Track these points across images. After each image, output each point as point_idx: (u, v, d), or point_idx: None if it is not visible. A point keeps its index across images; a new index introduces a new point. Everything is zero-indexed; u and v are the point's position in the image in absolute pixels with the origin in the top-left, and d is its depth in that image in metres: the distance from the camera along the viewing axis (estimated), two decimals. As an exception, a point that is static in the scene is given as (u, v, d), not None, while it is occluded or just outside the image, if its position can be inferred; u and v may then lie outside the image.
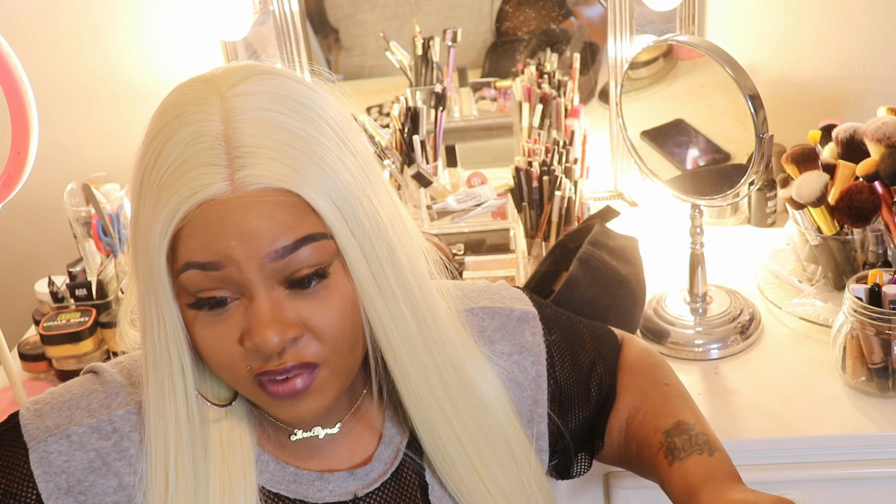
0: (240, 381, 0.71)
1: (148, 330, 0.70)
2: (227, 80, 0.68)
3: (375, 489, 0.80)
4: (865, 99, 1.60)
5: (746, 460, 1.10)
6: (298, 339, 0.68)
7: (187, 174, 0.64)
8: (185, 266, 0.66)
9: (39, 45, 1.60)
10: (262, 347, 0.66)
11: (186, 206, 0.64)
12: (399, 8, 1.62)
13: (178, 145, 0.65)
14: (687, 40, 1.19)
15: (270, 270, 0.66)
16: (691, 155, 1.22)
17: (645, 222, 1.58)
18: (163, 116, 0.67)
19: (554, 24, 1.65)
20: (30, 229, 1.71)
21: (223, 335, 0.68)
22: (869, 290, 1.10)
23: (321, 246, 0.67)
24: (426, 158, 1.49)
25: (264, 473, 0.77)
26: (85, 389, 0.77)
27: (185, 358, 0.70)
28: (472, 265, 1.41)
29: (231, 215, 0.64)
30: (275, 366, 0.68)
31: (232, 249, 0.64)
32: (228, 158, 0.64)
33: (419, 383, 0.75)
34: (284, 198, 0.65)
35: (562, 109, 1.51)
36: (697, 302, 1.29)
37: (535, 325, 0.88)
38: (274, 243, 0.65)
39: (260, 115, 0.66)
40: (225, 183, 0.64)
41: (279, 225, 0.65)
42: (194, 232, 0.65)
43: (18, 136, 1.17)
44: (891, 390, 1.11)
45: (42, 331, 1.30)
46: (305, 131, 0.66)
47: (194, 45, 1.60)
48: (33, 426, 0.74)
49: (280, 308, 0.67)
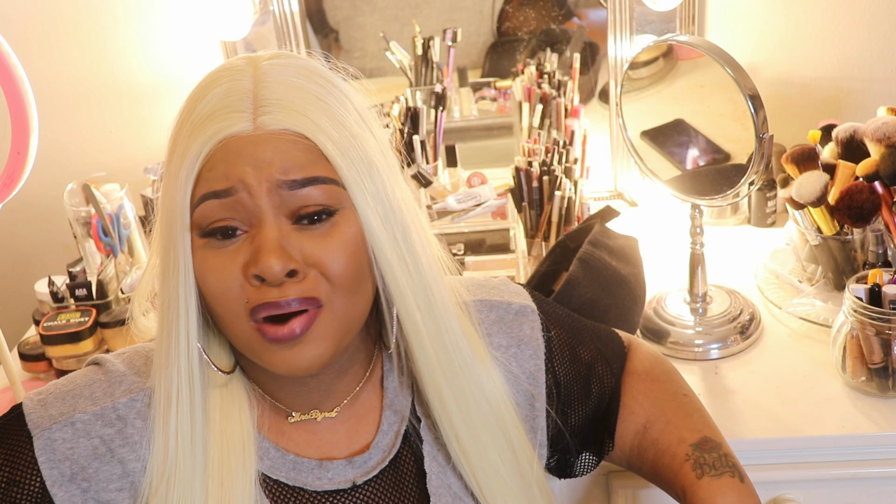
0: (236, 320, 0.71)
1: (164, 276, 0.73)
2: (266, 55, 0.74)
3: (374, 477, 0.80)
4: (865, 99, 1.60)
5: (746, 460, 1.10)
6: (300, 273, 0.70)
7: (214, 119, 0.69)
8: (203, 197, 0.69)
9: (39, 45, 1.60)
10: (265, 272, 0.68)
11: (211, 143, 0.69)
12: (399, 11, 1.62)
13: (211, 100, 0.70)
14: (687, 40, 1.19)
15: (279, 200, 0.69)
16: (691, 155, 1.22)
17: (645, 222, 1.58)
18: (202, 82, 0.73)
19: (554, 24, 1.65)
20: (30, 229, 1.71)
21: (227, 264, 0.70)
22: (869, 290, 1.10)
23: (331, 189, 0.70)
24: (426, 158, 1.49)
25: (265, 460, 0.78)
26: (88, 379, 0.78)
27: (192, 300, 0.71)
28: (472, 265, 1.41)
29: (249, 147, 0.69)
30: (275, 297, 0.69)
31: (246, 174, 0.68)
32: (254, 107, 0.69)
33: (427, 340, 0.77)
34: (302, 140, 0.70)
35: (562, 109, 1.51)
36: (697, 302, 1.29)
37: (534, 320, 0.89)
38: (286, 173, 0.69)
39: (289, 80, 0.71)
40: (248, 123, 0.69)
41: (293, 160, 0.69)
42: (214, 164, 0.69)
43: (18, 136, 1.17)
44: (891, 390, 1.11)
45: (42, 331, 1.30)
46: (327, 99, 0.72)
47: (194, 45, 1.60)
48: (37, 415, 0.75)
49: (286, 239, 0.70)
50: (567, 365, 0.90)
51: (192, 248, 0.71)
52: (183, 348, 0.72)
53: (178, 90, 1.63)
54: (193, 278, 0.71)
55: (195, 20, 1.57)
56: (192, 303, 0.71)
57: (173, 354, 0.73)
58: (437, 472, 0.82)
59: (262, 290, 0.69)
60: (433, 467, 0.82)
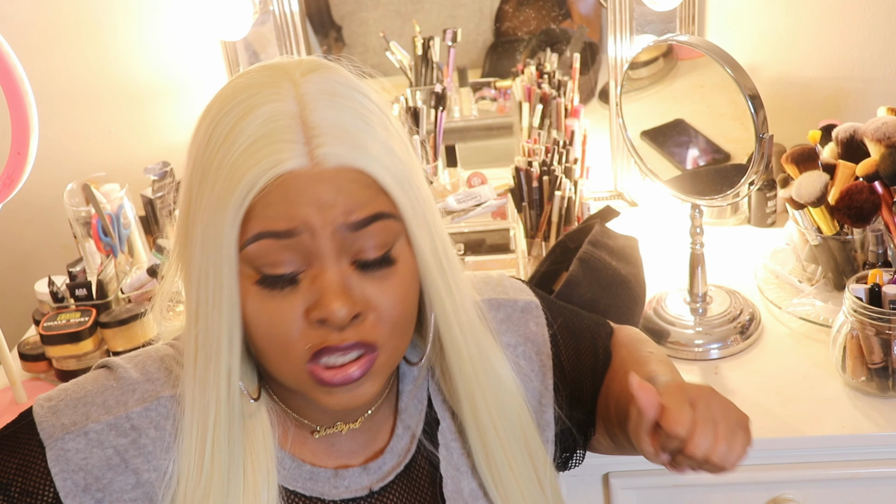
0: (290, 363, 0.70)
1: (202, 307, 0.69)
2: (298, 67, 0.70)
3: (390, 482, 0.80)
4: (865, 99, 1.60)
5: (747, 460, 1.10)
6: (362, 317, 0.69)
7: (265, 149, 0.65)
8: (259, 236, 0.66)
9: (39, 45, 1.60)
10: (331, 317, 0.67)
11: (266, 177, 0.65)
12: (402, 6, 1.62)
13: (253, 123, 0.66)
14: (687, 40, 1.19)
15: (342, 241, 0.68)
16: (691, 155, 1.22)
17: (645, 222, 1.58)
18: (231, 98, 0.68)
19: (554, 24, 1.65)
20: (30, 229, 1.71)
21: (286, 308, 0.68)
22: (869, 290, 1.10)
23: (389, 225, 0.69)
24: (426, 158, 1.49)
25: (281, 472, 0.78)
26: (100, 385, 0.76)
27: (236, 337, 0.69)
28: (472, 265, 1.41)
29: (310, 186, 0.66)
30: (336, 341, 0.68)
31: (310, 216, 0.66)
32: (306, 137, 0.66)
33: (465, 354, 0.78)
34: (360, 177, 0.67)
35: (562, 109, 1.51)
36: (697, 302, 1.29)
37: (539, 315, 0.89)
38: (350, 215, 0.67)
39: (331, 100, 0.68)
40: (304, 158, 0.66)
41: (355, 199, 0.67)
42: (271, 202, 0.66)
43: (18, 136, 1.17)
44: (891, 390, 1.11)
45: (42, 331, 1.30)
46: (370, 118, 0.70)
47: (194, 45, 1.60)
48: (49, 423, 0.74)
49: (348, 282, 0.68)
50: (573, 358, 0.90)
51: (242, 284, 0.68)
52: (223, 378, 0.71)
53: (178, 90, 1.64)
54: (240, 316, 0.69)
55: (195, 20, 1.57)
56: (236, 341, 0.69)
57: (212, 384, 0.71)
58: (453, 476, 0.82)
59: (323, 334, 0.68)
60: (448, 471, 0.82)
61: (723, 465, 0.70)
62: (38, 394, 1.31)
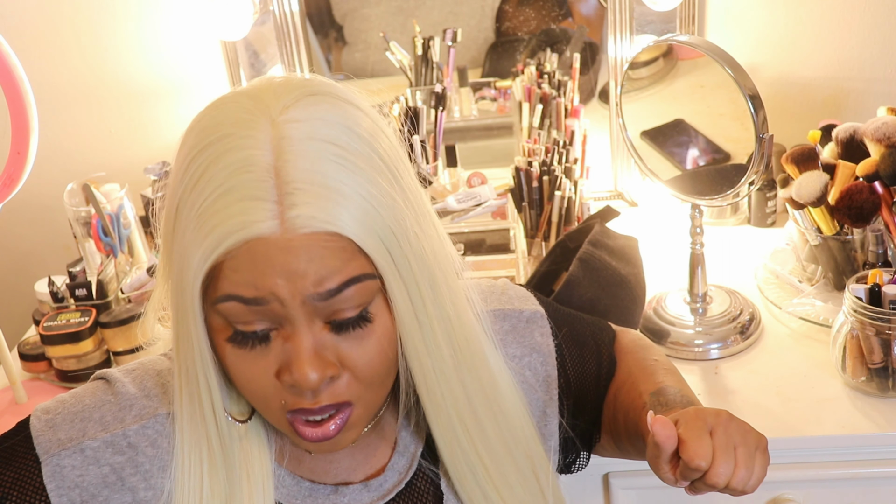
0: (271, 413, 0.70)
1: (179, 344, 0.69)
2: (278, 101, 0.65)
3: (390, 500, 0.79)
4: (865, 99, 1.60)
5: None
6: (336, 378, 0.68)
7: (234, 205, 0.62)
8: (228, 297, 0.64)
9: (39, 45, 1.60)
10: (301, 384, 0.66)
11: (232, 240, 0.62)
12: (404, 2, 1.62)
13: (224, 171, 0.62)
14: (687, 40, 1.19)
15: (313, 308, 0.65)
16: (691, 155, 1.22)
17: (645, 222, 1.58)
18: (205, 134, 0.64)
19: (554, 24, 1.65)
20: (30, 229, 1.71)
21: (259, 367, 0.67)
22: (869, 290, 1.10)
23: (366, 286, 0.66)
24: (426, 158, 1.49)
25: (280, 489, 0.77)
26: (97, 400, 0.76)
27: (212, 380, 0.69)
28: (472, 265, 1.41)
29: (279, 256, 0.62)
30: (310, 404, 0.68)
31: (278, 287, 0.63)
32: (279, 194, 0.61)
33: (448, 412, 0.75)
34: (334, 241, 0.63)
35: (562, 109, 1.51)
36: (697, 302, 1.29)
37: (544, 325, 0.88)
38: (320, 285, 0.63)
39: (312, 146, 0.63)
40: (275, 221, 0.61)
41: (327, 268, 0.63)
42: (239, 266, 0.63)
43: (18, 136, 1.17)
44: (891, 390, 1.11)
45: (42, 331, 1.30)
46: (359, 167, 0.64)
47: (194, 45, 1.60)
48: (45, 438, 0.73)
49: (321, 345, 0.66)
50: (578, 367, 0.90)
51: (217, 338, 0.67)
52: (209, 415, 0.71)
53: (178, 90, 1.63)
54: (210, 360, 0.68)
55: (195, 20, 1.57)
56: (212, 380, 0.69)
57: (199, 420, 0.71)
58: (454, 493, 0.81)
59: (296, 394, 0.68)
60: (450, 488, 0.81)
61: (743, 490, 0.69)
62: (38, 394, 1.32)
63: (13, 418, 1.27)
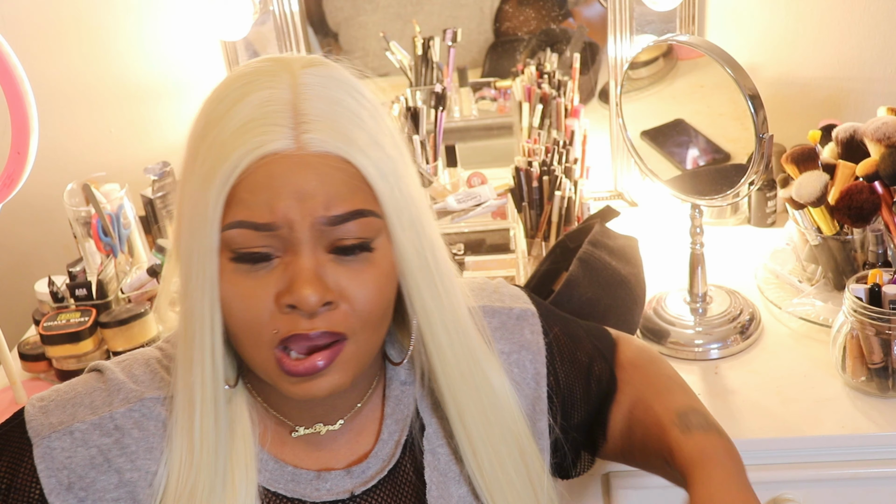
0: (259, 347, 0.70)
1: (188, 286, 0.71)
2: (297, 61, 0.72)
3: (372, 487, 0.80)
4: (865, 99, 1.60)
5: (746, 460, 1.09)
6: (333, 305, 0.69)
7: (253, 130, 0.67)
8: (239, 224, 0.67)
9: (39, 45, 1.60)
10: (301, 302, 0.67)
11: (250, 157, 0.66)
12: (402, 8, 1.62)
13: (247, 106, 0.68)
14: (687, 40, 1.19)
15: (319, 233, 0.68)
16: (691, 155, 1.22)
17: (645, 222, 1.58)
18: (232, 83, 0.70)
19: (554, 24, 1.65)
20: (30, 229, 1.71)
21: (258, 290, 0.69)
22: (869, 290, 1.10)
23: (370, 222, 0.69)
24: (426, 158, 1.49)
25: (263, 472, 0.78)
26: (89, 387, 0.78)
27: (217, 317, 0.70)
28: (472, 265, 1.41)
29: (293, 173, 0.67)
30: (305, 329, 0.68)
31: (289, 209, 0.67)
32: (295, 122, 0.67)
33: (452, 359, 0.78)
34: (344, 166, 0.68)
35: (562, 109, 1.51)
36: (697, 302, 1.29)
37: (535, 323, 0.89)
38: (329, 209, 0.67)
39: (326, 92, 0.69)
40: (290, 140, 0.66)
41: (336, 191, 0.68)
42: (255, 187, 0.67)
43: (18, 136, 1.17)
44: (891, 390, 1.11)
45: (42, 331, 1.30)
46: (364, 117, 0.70)
47: (194, 45, 1.60)
48: (38, 422, 0.75)
49: (322, 269, 0.69)
50: (567, 367, 0.89)
51: (220, 266, 0.69)
52: (208, 363, 0.72)
53: (178, 90, 1.63)
54: (219, 299, 0.69)
55: (195, 20, 1.57)
56: (217, 318, 0.70)
57: (197, 361, 0.72)
58: (438, 482, 0.82)
59: (292, 320, 0.69)
60: (433, 477, 0.82)
61: None
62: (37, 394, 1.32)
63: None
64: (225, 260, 0.69)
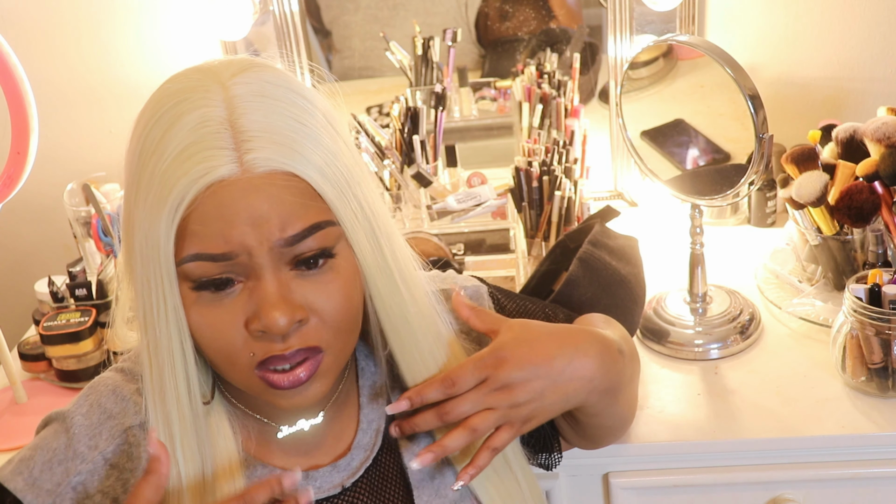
0: (238, 370, 0.70)
1: (149, 317, 0.69)
2: (226, 69, 0.69)
3: (360, 477, 0.80)
4: (865, 99, 1.60)
5: (747, 460, 1.10)
6: (304, 322, 0.69)
7: (194, 157, 0.65)
8: (195, 256, 0.66)
9: (39, 45, 1.60)
10: (270, 328, 0.67)
11: (196, 187, 0.64)
12: (378, 11, 1.63)
13: (182, 130, 0.65)
14: (687, 40, 1.19)
15: (279, 254, 0.67)
16: (691, 155, 1.22)
17: (645, 222, 1.58)
18: (161, 104, 0.68)
19: (554, 25, 1.65)
20: (30, 229, 1.71)
21: (226, 319, 0.68)
22: (869, 290, 1.10)
23: (327, 233, 0.69)
24: (426, 158, 1.49)
25: (252, 479, 0.77)
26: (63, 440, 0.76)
27: (187, 343, 0.69)
28: (471, 265, 1.41)
29: (243, 199, 0.65)
30: (280, 350, 0.68)
31: (245, 236, 0.65)
32: (235, 142, 0.65)
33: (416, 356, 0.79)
34: (292, 182, 0.66)
35: (562, 109, 1.51)
36: (697, 302, 1.29)
37: (486, 299, 0.92)
38: (285, 230, 0.66)
39: (262, 102, 0.67)
40: (234, 164, 0.65)
41: (289, 211, 0.66)
42: (205, 218, 0.65)
43: (18, 136, 1.17)
44: (891, 390, 1.11)
45: (42, 331, 1.30)
46: (305, 119, 0.68)
47: (194, 45, 1.60)
48: (32, 496, 0.73)
49: (287, 289, 0.68)
50: None
51: (182, 295, 0.68)
52: (182, 383, 0.71)
53: (178, 90, 1.63)
54: (188, 328, 0.69)
55: (195, 20, 1.57)
56: (188, 347, 0.69)
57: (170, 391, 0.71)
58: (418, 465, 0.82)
59: (266, 344, 0.68)
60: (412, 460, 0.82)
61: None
62: (38, 394, 1.32)
63: (13, 418, 1.27)
64: (186, 290, 0.68)
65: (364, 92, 1.69)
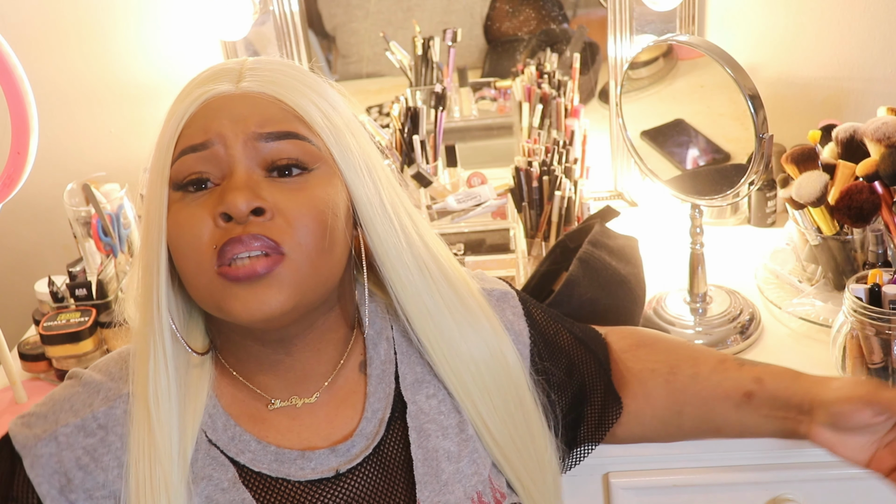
0: (203, 273, 0.72)
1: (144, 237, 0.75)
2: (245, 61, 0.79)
3: (358, 464, 0.80)
4: (865, 99, 1.60)
5: (747, 460, 1.10)
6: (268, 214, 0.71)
7: (203, 85, 0.74)
8: (180, 153, 0.73)
9: (39, 45, 1.60)
10: (230, 208, 0.70)
11: (195, 105, 0.73)
12: (392, 15, 1.62)
13: (200, 77, 0.76)
14: (687, 40, 1.19)
15: (254, 152, 0.73)
16: (691, 155, 1.22)
17: (645, 222, 1.58)
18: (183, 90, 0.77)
19: (554, 24, 1.65)
20: (30, 229, 1.71)
21: (196, 213, 0.72)
22: (869, 290, 1.10)
23: (305, 146, 0.74)
24: (426, 158, 1.49)
25: (246, 453, 0.78)
26: (67, 393, 0.79)
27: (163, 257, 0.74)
28: (472, 265, 1.41)
29: (228, 103, 0.73)
30: (239, 232, 0.70)
31: (223, 126, 0.72)
32: (239, 77, 0.75)
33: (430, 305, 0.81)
34: (280, 104, 0.74)
35: (562, 109, 1.51)
36: (697, 302, 1.29)
37: (515, 304, 0.92)
38: (262, 126, 0.73)
39: (274, 67, 0.76)
40: (231, 86, 0.74)
41: (270, 115, 0.73)
42: (194, 121, 0.73)
43: (18, 136, 1.17)
44: (891, 390, 1.11)
45: (42, 331, 1.30)
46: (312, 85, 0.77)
47: (194, 45, 1.60)
48: (22, 436, 0.76)
49: (255, 183, 0.72)
50: (549, 349, 0.92)
51: (168, 203, 0.73)
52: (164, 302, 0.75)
53: (178, 90, 1.63)
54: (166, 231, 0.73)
55: (195, 20, 1.57)
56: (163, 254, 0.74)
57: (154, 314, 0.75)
58: (424, 459, 0.82)
59: (228, 229, 0.71)
60: (419, 454, 0.82)
61: None
62: (38, 394, 1.32)
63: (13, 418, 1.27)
64: (171, 194, 0.74)
65: (364, 92, 1.69)
